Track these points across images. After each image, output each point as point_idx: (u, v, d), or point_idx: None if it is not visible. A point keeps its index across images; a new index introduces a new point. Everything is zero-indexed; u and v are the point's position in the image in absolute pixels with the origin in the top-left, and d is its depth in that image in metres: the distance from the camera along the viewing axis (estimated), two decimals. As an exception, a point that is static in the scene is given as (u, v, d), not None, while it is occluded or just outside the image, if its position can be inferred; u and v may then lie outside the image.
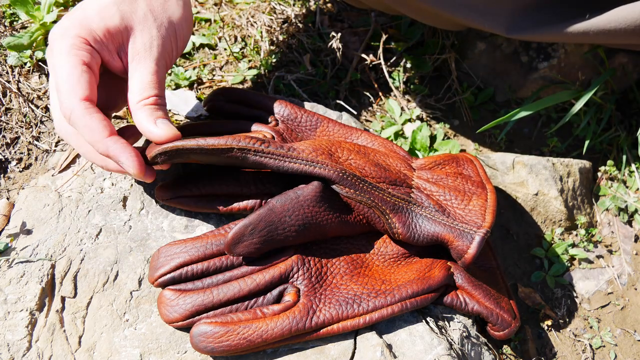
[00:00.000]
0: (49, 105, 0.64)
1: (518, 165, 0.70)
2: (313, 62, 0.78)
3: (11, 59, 0.65)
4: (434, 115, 0.79)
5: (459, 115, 0.80)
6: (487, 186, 0.57)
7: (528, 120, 0.80)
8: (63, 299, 0.50)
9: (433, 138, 0.75)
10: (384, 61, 0.79)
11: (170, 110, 0.68)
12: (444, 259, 0.55)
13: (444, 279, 0.52)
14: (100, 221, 0.55)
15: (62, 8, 0.71)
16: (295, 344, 0.48)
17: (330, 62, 0.78)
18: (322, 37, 0.80)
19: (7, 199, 0.58)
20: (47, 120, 0.64)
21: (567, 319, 0.65)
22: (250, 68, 0.75)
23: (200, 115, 0.67)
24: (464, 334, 0.53)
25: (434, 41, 0.80)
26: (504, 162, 0.71)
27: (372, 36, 0.80)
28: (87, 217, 0.55)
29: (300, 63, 0.77)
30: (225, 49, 0.77)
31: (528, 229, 0.69)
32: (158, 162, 0.49)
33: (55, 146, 0.62)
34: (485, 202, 0.54)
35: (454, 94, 0.81)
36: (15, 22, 0.69)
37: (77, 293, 0.51)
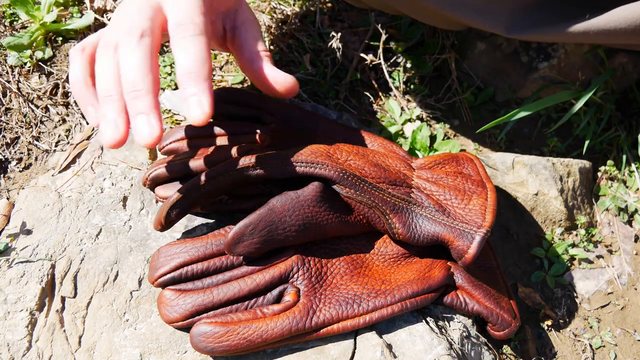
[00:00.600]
0: (49, 105, 0.64)
1: (518, 165, 0.70)
2: (313, 62, 0.78)
3: (11, 59, 0.65)
4: (434, 115, 0.79)
5: (459, 115, 0.80)
6: (487, 185, 0.57)
7: (528, 120, 0.80)
8: (63, 299, 0.50)
9: (433, 138, 0.75)
10: (384, 61, 0.79)
11: (170, 110, 0.68)
12: (444, 259, 0.55)
13: (444, 279, 0.52)
14: (100, 221, 0.55)
15: (62, 8, 0.71)
16: (295, 344, 0.48)
17: (330, 62, 0.78)
18: (322, 37, 0.80)
19: (7, 199, 0.58)
20: (47, 120, 0.64)
21: (567, 319, 0.65)
22: (250, 68, 0.75)
23: (200, 115, 0.67)
24: (464, 334, 0.53)
25: (434, 41, 0.80)
26: (504, 162, 0.71)
27: (372, 36, 0.80)
28: (87, 217, 0.55)
29: (300, 63, 0.77)
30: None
31: (528, 229, 0.69)
32: (173, 217, 0.49)
33: (55, 146, 0.62)
34: (486, 201, 0.54)
35: (454, 94, 0.81)
36: (15, 22, 0.69)
37: (77, 293, 0.51)
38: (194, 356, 0.48)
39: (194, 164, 0.54)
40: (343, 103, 0.76)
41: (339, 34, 0.76)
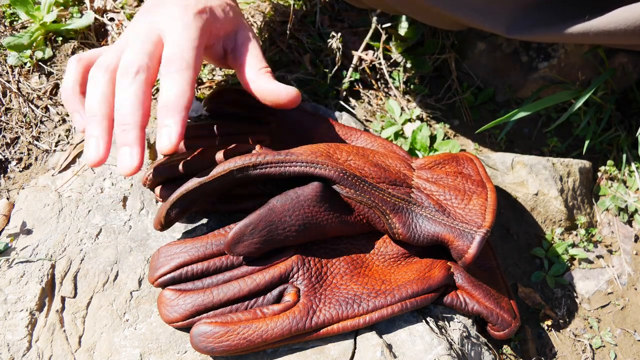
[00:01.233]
0: (49, 105, 0.64)
1: (518, 165, 0.70)
2: (313, 62, 0.78)
3: (11, 59, 0.65)
4: (434, 115, 0.79)
5: (459, 115, 0.80)
6: (487, 185, 0.57)
7: (528, 120, 0.80)
8: (63, 299, 0.50)
9: (433, 138, 0.75)
10: (384, 61, 0.79)
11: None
12: (444, 259, 0.55)
13: (444, 279, 0.52)
14: (100, 221, 0.55)
15: (62, 8, 0.71)
16: (295, 344, 0.48)
17: (330, 62, 0.78)
18: (322, 37, 0.80)
19: (7, 199, 0.58)
20: (47, 120, 0.64)
21: (567, 319, 0.65)
22: (250, 68, 0.75)
23: (200, 115, 0.67)
24: (464, 334, 0.53)
25: (434, 41, 0.80)
26: (504, 162, 0.71)
27: (372, 36, 0.80)
28: (87, 217, 0.55)
29: (300, 63, 0.77)
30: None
31: (528, 229, 0.69)
32: (172, 217, 0.49)
33: (55, 146, 0.62)
34: (486, 201, 0.54)
35: (454, 94, 0.81)
36: (15, 22, 0.69)
37: (77, 293, 0.51)
38: (194, 356, 0.48)
39: (194, 164, 0.54)
40: (343, 103, 0.76)
41: (339, 34, 0.76)
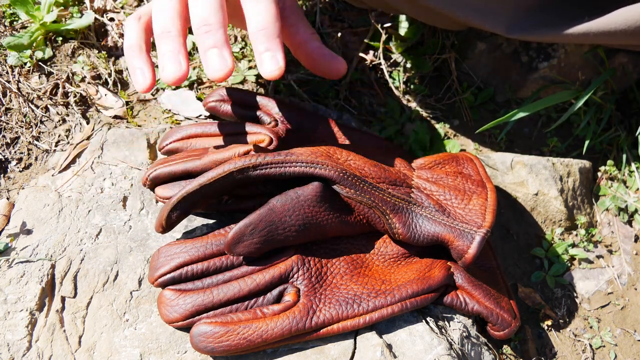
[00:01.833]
0: (49, 105, 0.64)
1: (518, 165, 0.70)
2: (313, 62, 0.78)
3: (11, 59, 0.65)
4: (434, 115, 0.79)
5: (459, 115, 0.80)
6: (487, 185, 0.57)
7: (528, 120, 0.80)
8: (63, 299, 0.50)
9: (433, 138, 0.75)
10: (384, 61, 0.79)
11: (170, 110, 0.68)
12: (444, 259, 0.55)
13: (444, 279, 0.52)
14: (100, 221, 0.55)
15: (62, 8, 0.71)
16: (295, 343, 0.48)
17: (330, 62, 0.78)
18: (322, 37, 0.80)
19: (7, 199, 0.58)
20: (47, 120, 0.64)
21: (567, 319, 0.65)
22: (250, 68, 0.75)
23: (200, 115, 0.67)
24: (464, 334, 0.53)
25: (434, 41, 0.80)
26: (504, 162, 0.71)
27: (372, 36, 0.80)
28: (87, 217, 0.55)
29: (300, 63, 0.77)
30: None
31: (528, 229, 0.69)
32: (174, 219, 0.49)
33: (55, 146, 0.62)
34: (486, 201, 0.54)
35: (454, 94, 0.81)
36: (15, 22, 0.69)
37: (77, 293, 0.51)
38: (194, 356, 0.48)
39: (194, 164, 0.54)
40: (343, 103, 0.76)
41: (339, 34, 0.76)
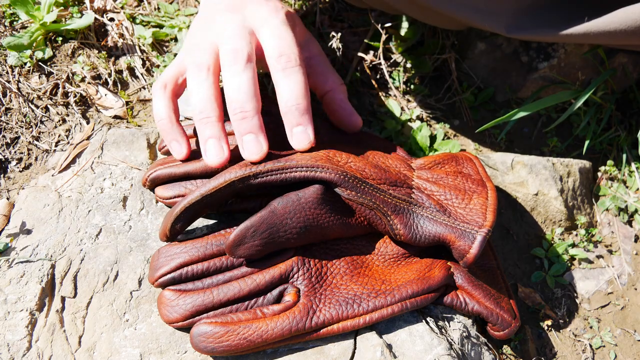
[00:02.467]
0: (49, 105, 0.64)
1: (518, 165, 0.70)
2: (313, 62, 0.78)
3: (11, 59, 0.65)
4: (434, 115, 0.79)
5: (459, 115, 0.80)
6: (487, 184, 0.57)
7: (528, 120, 0.80)
8: (63, 299, 0.50)
9: (433, 138, 0.75)
10: (384, 61, 0.79)
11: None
12: (444, 259, 0.55)
13: (444, 279, 0.52)
14: (100, 221, 0.55)
15: (62, 8, 0.71)
16: (295, 344, 0.48)
17: (330, 62, 0.78)
18: (322, 37, 0.80)
19: (7, 199, 0.58)
20: (47, 120, 0.64)
21: (567, 319, 0.65)
22: (250, 68, 0.75)
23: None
24: (464, 334, 0.53)
25: (434, 41, 0.80)
26: (504, 162, 0.71)
27: (372, 36, 0.80)
28: (87, 217, 0.55)
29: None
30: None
31: (528, 229, 0.69)
32: (177, 229, 0.50)
33: (55, 146, 0.62)
34: (486, 200, 0.54)
35: (454, 94, 0.81)
36: (15, 22, 0.69)
37: (77, 293, 0.51)
38: (194, 356, 0.48)
39: (194, 166, 0.54)
40: (343, 103, 0.76)
41: (339, 34, 0.76)
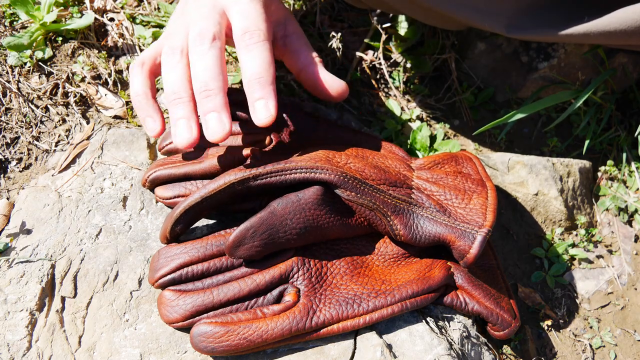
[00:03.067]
0: (49, 105, 0.64)
1: (518, 165, 0.70)
2: (313, 62, 0.78)
3: (11, 59, 0.65)
4: (434, 115, 0.79)
5: (459, 115, 0.80)
6: (487, 184, 0.57)
7: (528, 120, 0.80)
8: (63, 299, 0.50)
9: (433, 138, 0.75)
10: (384, 61, 0.79)
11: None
12: (444, 259, 0.55)
13: (444, 279, 0.52)
14: (100, 221, 0.55)
15: (62, 8, 0.71)
16: (295, 344, 0.48)
17: (330, 62, 0.78)
18: (322, 37, 0.80)
19: (7, 199, 0.58)
20: (47, 120, 0.64)
21: (567, 319, 0.65)
22: (250, 68, 0.75)
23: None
24: (464, 334, 0.53)
25: (434, 41, 0.80)
26: (504, 162, 0.71)
27: (372, 36, 0.80)
28: (87, 217, 0.55)
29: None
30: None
31: (528, 229, 0.69)
32: (178, 231, 0.50)
33: (55, 146, 0.62)
34: (486, 200, 0.54)
35: (454, 94, 0.81)
36: (15, 22, 0.69)
37: (77, 293, 0.51)
38: (194, 356, 0.48)
39: (194, 167, 0.54)
40: (343, 103, 0.76)
41: (339, 34, 0.76)
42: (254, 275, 0.49)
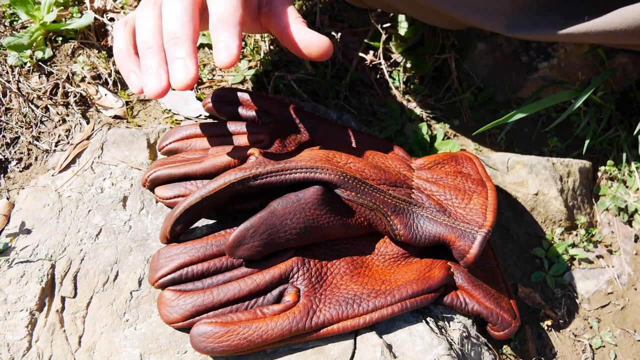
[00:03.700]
0: (49, 105, 0.64)
1: (518, 165, 0.70)
2: (313, 62, 0.78)
3: (11, 59, 0.65)
4: (434, 115, 0.79)
5: (459, 115, 0.80)
6: (487, 184, 0.57)
7: (528, 120, 0.80)
8: (63, 299, 0.50)
9: (433, 138, 0.75)
10: (384, 61, 0.79)
11: (170, 110, 0.68)
12: (444, 259, 0.55)
13: (444, 279, 0.52)
14: (100, 221, 0.55)
15: (62, 8, 0.71)
16: (295, 344, 0.48)
17: (330, 62, 0.78)
18: (322, 37, 0.80)
19: (7, 199, 0.58)
20: (47, 120, 0.64)
21: (567, 319, 0.65)
22: (250, 68, 0.75)
23: (200, 115, 0.67)
24: (464, 334, 0.53)
25: (434, 41, 0.80)
26: (504, 162, 0.71)
27: (372, 36, 0.80)
28: (87, 217, 0.55)
29: (300, 63, 0.77)
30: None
31: (528, 229, 0.69)
32: (178, 231, 0.50)
33: (55, 146, 0.62)
34: (486, 200, 0.54)
35: (454, 94, 0.81)
36: (15, 22, 0.69)
37: (77, 293, 0.51)
38: (194, 356, 0.48)
39: (194, 167, 0.54)
40: (343, 103, 0.76)
41: (339, 34, 0.76)
42: (254, 275, 0.49)
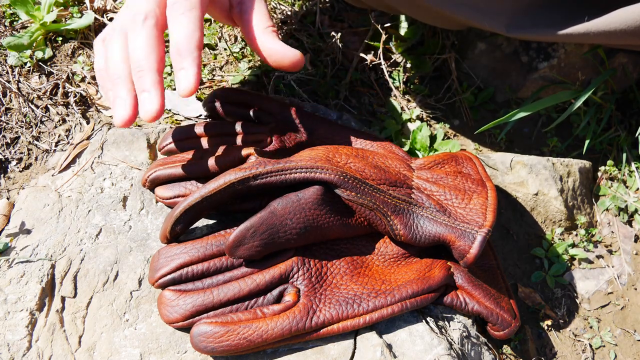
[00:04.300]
0: (49, 105, 0.64)
1: (518, 165, 0.70)
2: (313, 62, 0.78)
3: (11, 59, 0.65)
4: (434, 115, 0.79)
5: (459, 115, 0.80)
6: (487, 184, 0.57)
7: (528, 120, 0.80)
8: (63, 299, 0.50)
9: (433, 138, 0.75)
10: (384, 61, 0.79)
11: (170, 110, 0.68)
12: (444, 259, 0.55)
13: (444, 278, 0.52)
14: (100, 221, 0.55)
15: (62, 8, 0.71)
16: (295, 343, 0.48)
17: (330, 62, 0.78)
18: (322, 37, 0.80)
19: (7, 199, 0.58)
20: (47, 120, 0.64)
21: (567, 319, 0.65)
22: (250, 68, 0.75)
23: (200, 115, 0.67)
24: (464, 334, 0.53)
25: (434, 41, 0.80)
26: (504, 162, 0.71)
27: (372, 36, 0.80)
28: (87, 217, 0.55)
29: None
30: (225, 49, 0.77)
31: (528, 229, 0.69)
32: (178, 231, 0.50)
33: (55, 146, 0.62)
34: (486, 200, 0.54)
35: (454, 94, 0.81)
36: (15, 22, 0.69)
37: (77, 293, 0.51)
38: (194, 356, 0.48)
39: (193, 165, 0.54)
40: (343, 103, 0.76)
41: (339, 34, 0.76)
42: (254, 275, 0.49)
